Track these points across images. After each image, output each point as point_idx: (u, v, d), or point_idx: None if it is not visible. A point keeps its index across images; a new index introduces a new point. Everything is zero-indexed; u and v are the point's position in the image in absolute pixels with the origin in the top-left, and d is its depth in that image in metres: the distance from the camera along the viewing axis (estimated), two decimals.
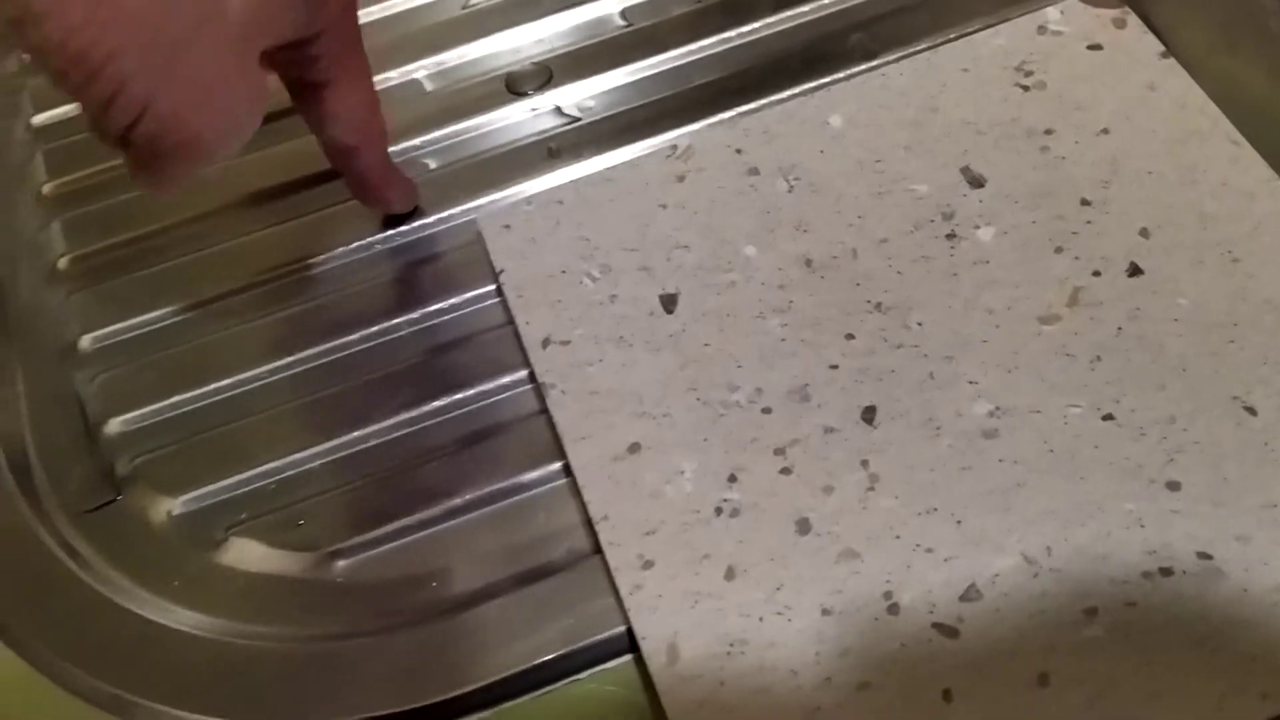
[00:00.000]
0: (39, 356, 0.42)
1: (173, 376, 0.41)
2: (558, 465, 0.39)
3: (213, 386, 0.41)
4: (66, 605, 0.37)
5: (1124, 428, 0.35)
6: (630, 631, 0.35)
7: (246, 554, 0.38)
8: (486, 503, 0.38)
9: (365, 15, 0.49)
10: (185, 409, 0.41)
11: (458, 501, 0.38)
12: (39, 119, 0.48)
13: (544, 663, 0.35)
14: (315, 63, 0.36)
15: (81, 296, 0.43)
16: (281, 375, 0.41)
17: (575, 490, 0.38)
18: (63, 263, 0.44)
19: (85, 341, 0.43)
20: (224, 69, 0.32)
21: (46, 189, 0.46)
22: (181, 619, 0.37)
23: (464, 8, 0.49)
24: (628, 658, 0.35)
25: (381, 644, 0.36)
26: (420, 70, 0.48)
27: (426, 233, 0.44)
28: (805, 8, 0.47)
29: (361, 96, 0.39)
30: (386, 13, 0.49)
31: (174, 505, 0.39)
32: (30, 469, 0.40)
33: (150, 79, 0.30)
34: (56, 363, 0.42)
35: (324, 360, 0.41)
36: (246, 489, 0.39)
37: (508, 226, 0.42)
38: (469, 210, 0.44)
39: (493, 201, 0.44)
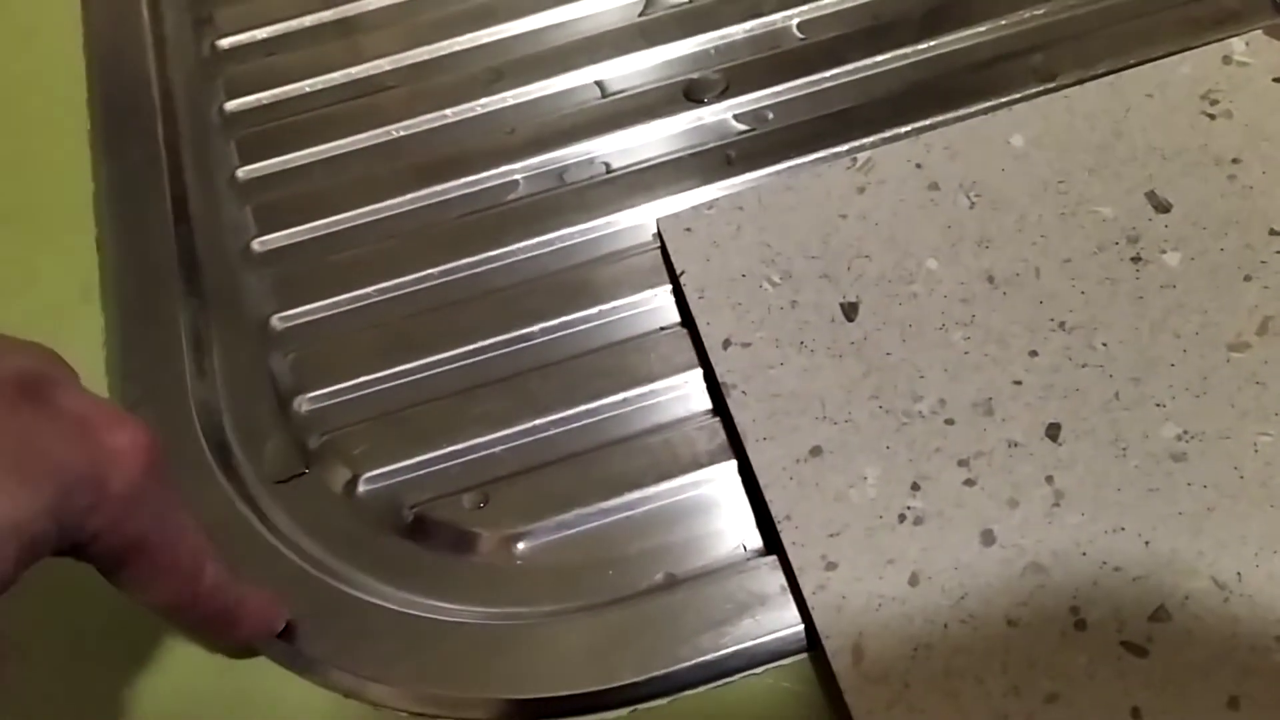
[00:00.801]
0: (234, 335, 0.44)
1: (361, 357, 0.43)
2: (731, 465, 0.39)
3: (400, 369, 0.43)
4: (261, 573, 0.38)
5: None
6: (809, 630, 0.35)
7: (430, 532, 0.39)
8: (662, 497, 0.39)
9: (545, 17, 0.51)
10: (372, 389, 0.42)
11: (634, 494, 0.39)
12: (231, 105, 0.50)
13: (722, 655, 0.36)
14: (109, 554, 0.30)
15: (274, 278, 0.45)
16: (465, 362, 0.43)
17: (748, 490, 0.39)
18: (256, 245, 0.46)
19: (276, 321, 0.44)
20: None
21: (240, 173, 0.48)
22: (367, 589, 0.38)
23: (641, 15, 0.51)
24: (804, 655, 0.36)
25: (561, 627, 0.37)
26: (600, 74, 0.49)
27: (605, 232, 0.45)
28: (983, 27, 0.48)
29: (180, 553, 0.32)
30: (567, 16, 0.51)
31: (361, 481, 0.41)
32: (226, 441, 0.42)
33: None
34: (251, 341, 0.44)
35: (506, 350, 0.43)
36: (431, 469, 0.41)
37: (689, 229, 0.43)
38: (645, 212, 0.45)
39: (670, 205, 0.45)
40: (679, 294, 0.42)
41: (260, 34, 0.52)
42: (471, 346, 0.43)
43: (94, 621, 0.38)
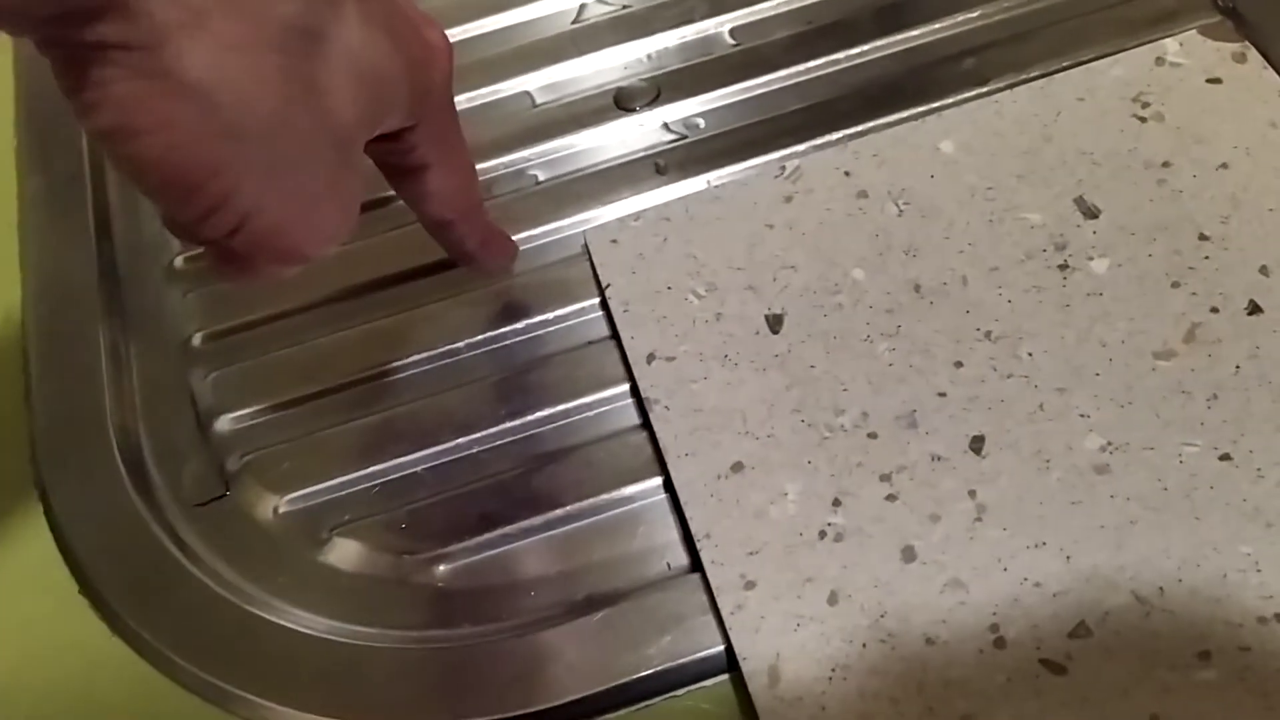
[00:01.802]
0: (154, 353, 0.43)
1: (282, 377, 0.42)
2: (657, 481, 0.39)
3: (320, 388, 0.42)
4: (175, 598, 0.38)
5: (1241, 469, 0.35)
6: (729, 651, 0.35)
7: (350, 554, 0.39)
8: (587, 514, 0.39)
9: (477, 27, 0.50)
10: (293, 409, 0.42)
11: (559, 512, 0.39)
12: None
13: (642, 677, 0.35)
14: (414, 150, 0.35)
15: (196, 296, 0.45)
16: (387, 380, 0.42)
17: (675, 506, 0.38)
18: (179, 262, 0.45)
19: (198, 339, 0.44)
20: (330, 176, 0.30)
21: None
22: (286, 615, 0.38)
23: (574, 23, 0.50)
24: (725, 677, 0.35)
25: (480, 650, 0.36)
26: (530, 84, 0.48)
27: (533, 244, 0.44)
28: (915, 31, 0.47)
29: (459, 174, 0.37)
30: (498, 25, 0.50)
31: (280, 503, 0.40)
32: (144, 462, 0.41)
33: (256, 194, 0.28)
34: (171, 360, 0.43)
35: (429, 367, 0.42)
36: (351, 490, 0.40)
37: (615, 241, 0.42)
38: (575, 224, 0.44)
39: (599, 216, 0.44)
40: (605, 306, 0.42)
41: None
42: (394, 364, 0.42)
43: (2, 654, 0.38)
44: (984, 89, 0.45)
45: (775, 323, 0.39)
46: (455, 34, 0.50)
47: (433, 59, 0.33)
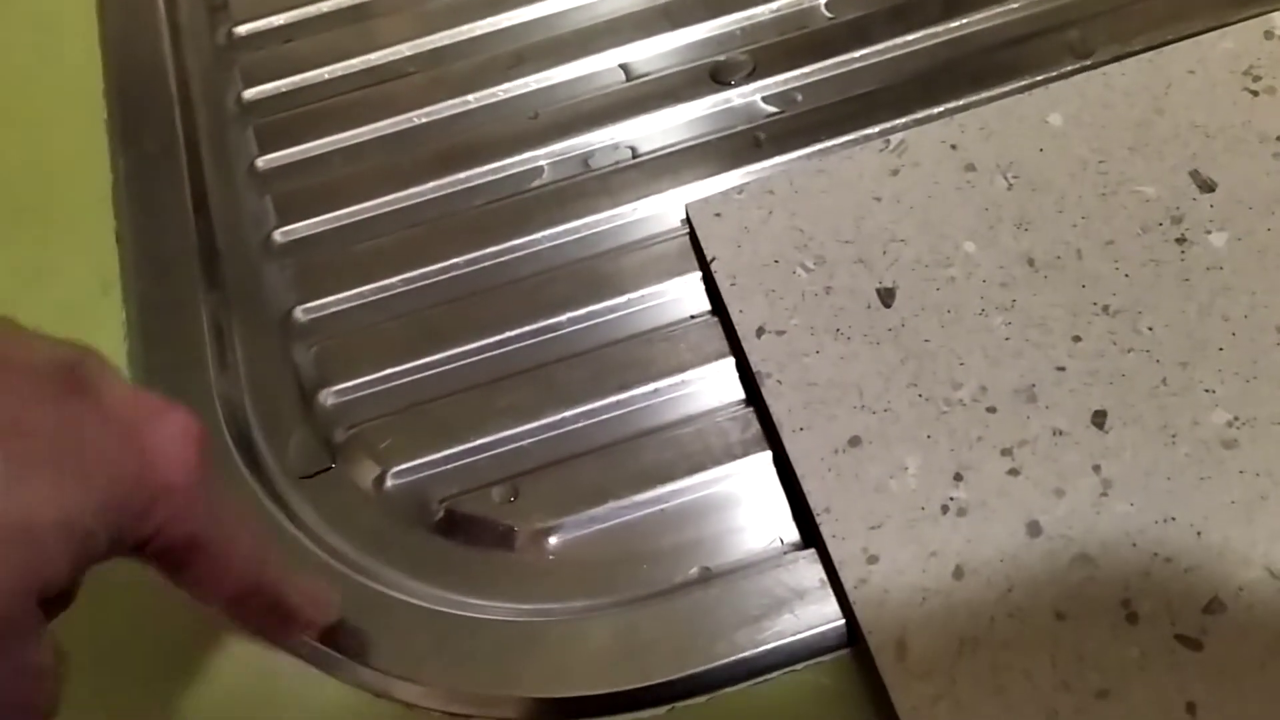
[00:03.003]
0: (256, 327, 0.43)
1: (385, 349, 0.42)
2: (765, 455, 0.39)
3: (424, 361, 0.42)
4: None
5: None
6: (850, 625, 0.35)
7: (460, 527, 0.39)
8: (696, 489, 0.39)
9: (567, 1, 0.50)
10: (397, 382, 0.42)
11: (668, 487, 0.38)
12: (249, 93, 0.50)
13: (761, 652, 0.35)
14: (170, 552, 0.28)
15: (296, 269, 0.45)
16: (491, 353, 0.42)
17: (784, 481, 0.38)
18: (277, 235, 0.45)
19: (299, 313, 0.44)
20: None
21: (259, 163, 0.47)
22: (398, 587, 0.37)
23: None
24: (844, 651, 0.35)
25: (594, 623, 0.36)
26: (623, 57, 0.48)
27: (632, 218, 0.44)
28: (1015, 3, 0.47)
29: (239, 545, 0.30)
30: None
31: (388, 475, 0.40)
32: (250, 435, 0.41)
33: None
34: (273, 333, 0.43)
35: (533, 340, 0.42)
36: (459, 463, 0.40)
37: (719, 214, 0.42)
38: (673, 198, 0.44)
39: (698, 190, 0.44)
40: (709, 281, 0.42)
41: (277, 20, 0.51)
42: (497, 337, 0.42)
43: (120, 622, 0.38)
44: (1088, 62, 0.45)
45: (887, 296, 0.39)
46: (546, 6, 0.50)
47: (151, 468, 0.27)
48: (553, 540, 0.38)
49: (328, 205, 0.46)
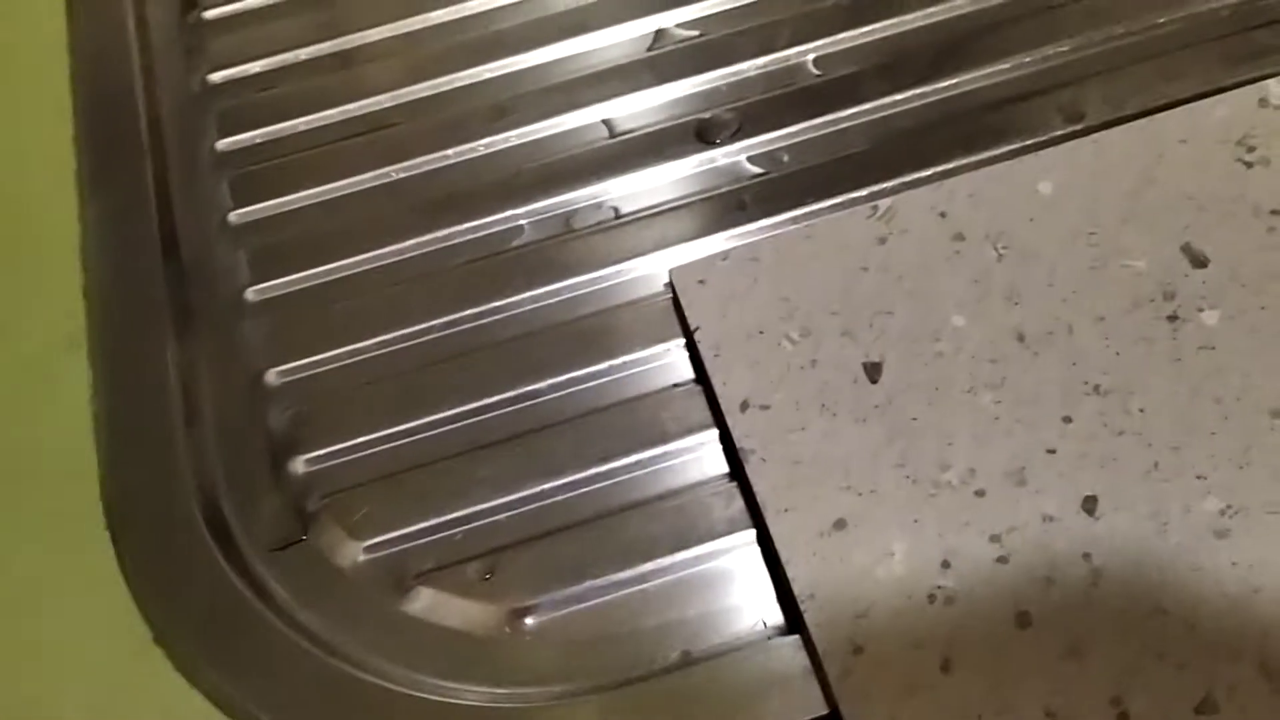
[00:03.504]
0: (228, 389, 0.42)
1: (361, 414, 0.41)
2: (749, 534, 0.38)
3: (401, 428, 0.41)
4: (255, 647, 0.37)
5: None
6: (833, 715, 0.34)
7: (434, 604, 0.38)
8: (678, 568, 0.38)
9: (552, 51, 0.49)
10: (373, 449, 0.41)
11: (649, 565, 0.38)
12: (223, 144, 0.48)
13: None
14: None
15: (270, 328, 0.43)
16: (470, 420, 0.41)
17: (768, 560, 0.37)
18: (251, 293, 0.44)
19: (272, 375, 0.42)
20: None
21: (233, 216, 0.46)
22: (370, 668, 0.36)
23: (650, 50, 0.49)
24: None
25: (574, 709, 0.35)
26: (606, 112, 0.47)
27: (615, 281, 0.43)
28: (1006, 64, 0.46)
29: None
30: (573, 50, 0.49)
31: (361, 549, 0.39)
32: (218, 503, 0.40)
33: None
34: (245, 395, 0.42)
35: (513, 408, 0.41)
36: (435, 536, 0.39)
37: (703, 281, 0.41)
38: (657, 260, 0.43)
39: (681, 252, 0.43)
40: (692, 348, 0.41)
41: (254, 68, 0.50)
42: (476, 404, 0.41)
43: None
44: (1079, 125, 0.44)
45: (874, 370, 0.38)
46: (531, 58, 0.49)
47: None
48: (529, 620, 0.37)
49: (303, 262, 0.45)
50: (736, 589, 0.37)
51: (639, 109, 0.47)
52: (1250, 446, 0.35)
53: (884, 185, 0.44)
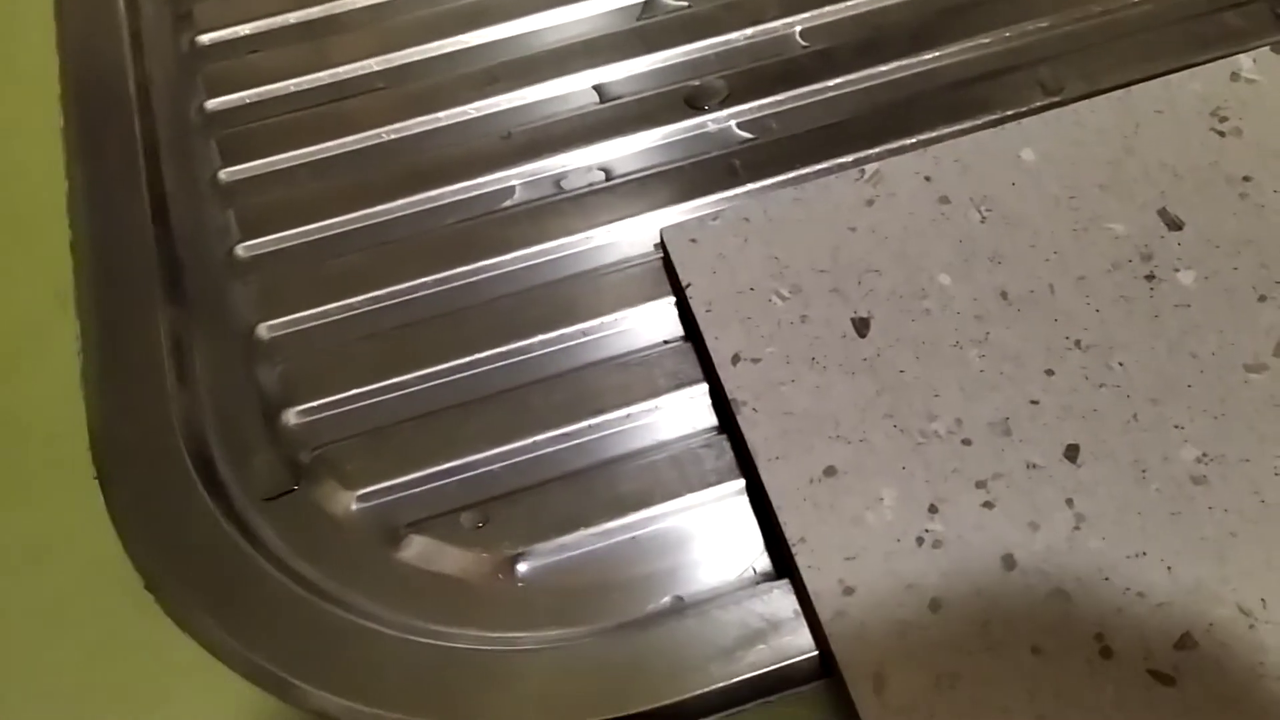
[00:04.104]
0: (218, 344, 0.42)
1: (352, 369, 0.41)
2: (739, 484, 0.38)
3: (392, 382, 0.41)
4: (248, 594, 0.37)
5: None
6: (824, 656, 0.34)
7: (428, 552, 0.38)
8: (669, 516, 0.38)
9: (539, 19, 0.50)
10: (365, 403, 0.41)
11: (641, 514, 0.38)
12: (212, 104, 0.48)
13: (735, 683, 0.34)
14: None
15: (260, 285, 0.43)
16: (462, 375, 0.41)
17: (757, 510, 0.38)
18: (241, 250, 0.44)
19: (263, 330, 0.42)
20: None
21: (222, 175, 0.46)
22: (363, 614, 0.37)
23: (640, 19, 0.49)
24: (819, 683, 0.35)
25: (566, 653, 0.36)
26: (597, 79, 0.48)
27: (606, 241, 0.44)
28: (987, 38, 0.47)
29: None
30: (562, 19, 0.49)
31: (354, 499, 0.39)
32: (210, 455, 0.40)
33: None
34: (236, 351, 0.42)
35: (504, 363, 0.41)
36: (428, 486, 0.39)
37: (694, 241, 0.42)
38: (647, 222, 0.44)
39: (672, 215, 0.44)
40: (683, 306, 0.41)
41: (243, 30, 0.50)
42: (468, 359, 0.41)
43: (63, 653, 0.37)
44: (1058, 98, 0.45)
45: (862, 326, 0.39)
46: (520, 25, 0.49)
47: None
48: (522, 567, 0.38)
49: (293, 221, 0.45)
50: (726, 537, 0.38)
51: (629, 75, 0.48)
52: (1225, 399, 0.37)
53: (870, 152, 0.45)
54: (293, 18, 0.50)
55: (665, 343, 0.41)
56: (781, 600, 0.36)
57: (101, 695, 0.36)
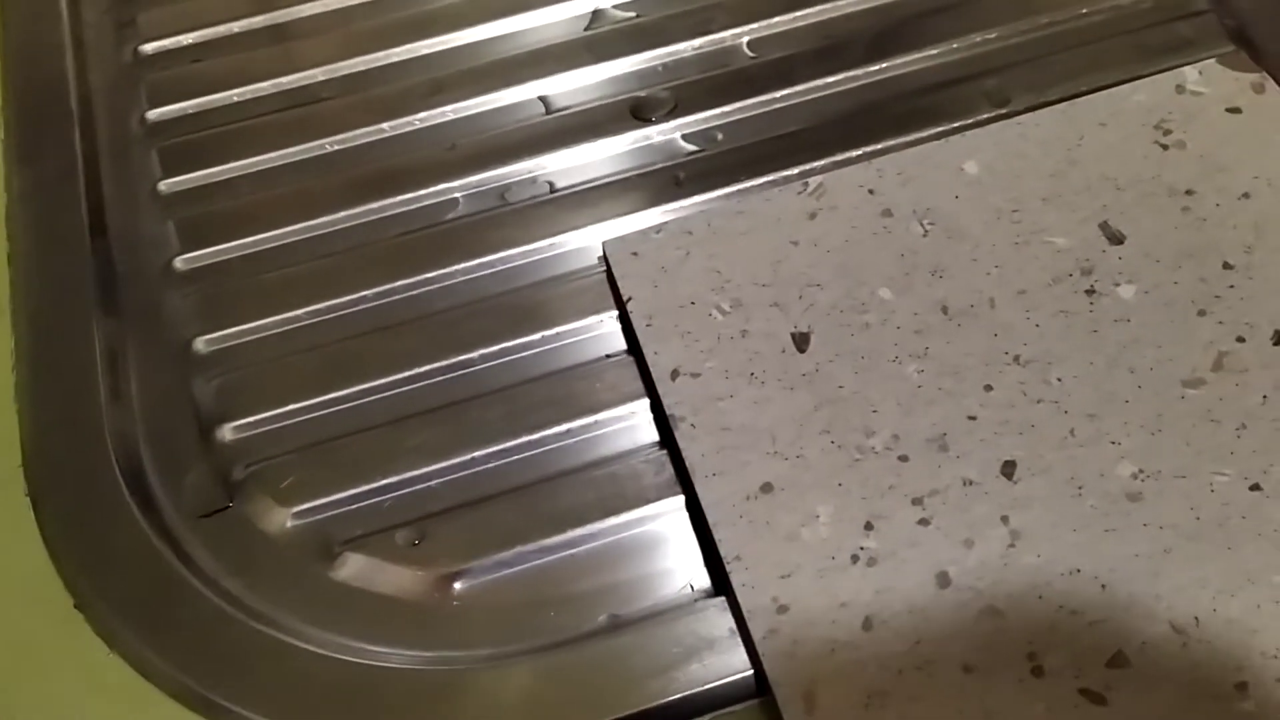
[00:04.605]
0: (154, 357, 0.42)
1: (290, 383, 0.41)
2: (678, 500, 0.38)
3: (330, 396, 0.40)
4: (178, 613, 0.36)
5: (1272, 499, 0.35)
6: (759, 675, 0.34)
7: (363, 570, 0.37)
8: (607, 534, 0.38)
9: (490, 29, 0.49)
10: (301, 418, 0.40)
11: (578, 531, 0.38)
12: (154, 114, 0.48)
13: (669, 702, 0.34)
14: None
15: (198, 297, 0.43)
16: (400, 389, 0.41)
17: (696, 526, 0.37)
18: (179, 262, 0.44)
19: (199, 343, 0.42)
20: None
21: (163, 186, 0.46)
22: (295, 633, 0.36)
23: (587, 30, 0.49)
24: (754, 702, 0.34)
25: (500, 671, 0.35)
26: (543, 89, 0.47)
27: (549, 254, 0.43)
28: (935, 50, 0.47)
29: None
30: (510, 29, 0.49)
31: (288, 516, 0.38)
32: (143, 471, 0.39)
33: None
34: (171, 364, 0.42)
35: (444, 377, 0.41)
36: (364, 503, 0.39)
37: (636, 254, 0.41)
38: (591, 234, 0.44)
39: (616, 227, 0.44)
40: (625, 320, 0.41)
41: (186, 39, 0.50)
42: (407, 373, 0.41)
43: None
44: (1004, 110, 0.45)
45: (802, 341, 0.39)
46: (467, 35, 0.49)
47: None
48: (459, 585, 0.37)
49: (233, 232, 0.44)
50: (665, 554, 0.37)
51: (575, 86, 0.47)
52: (1162, 414, 0.36)
53: (815, 164, 0.44)
54: (237, 27, 0.50)
55: (608, 357, 0.41)
56: (718, 618, 0.35)
57: (28, 714, 0.36)
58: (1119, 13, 0.48)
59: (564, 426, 0.40)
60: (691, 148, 0.46)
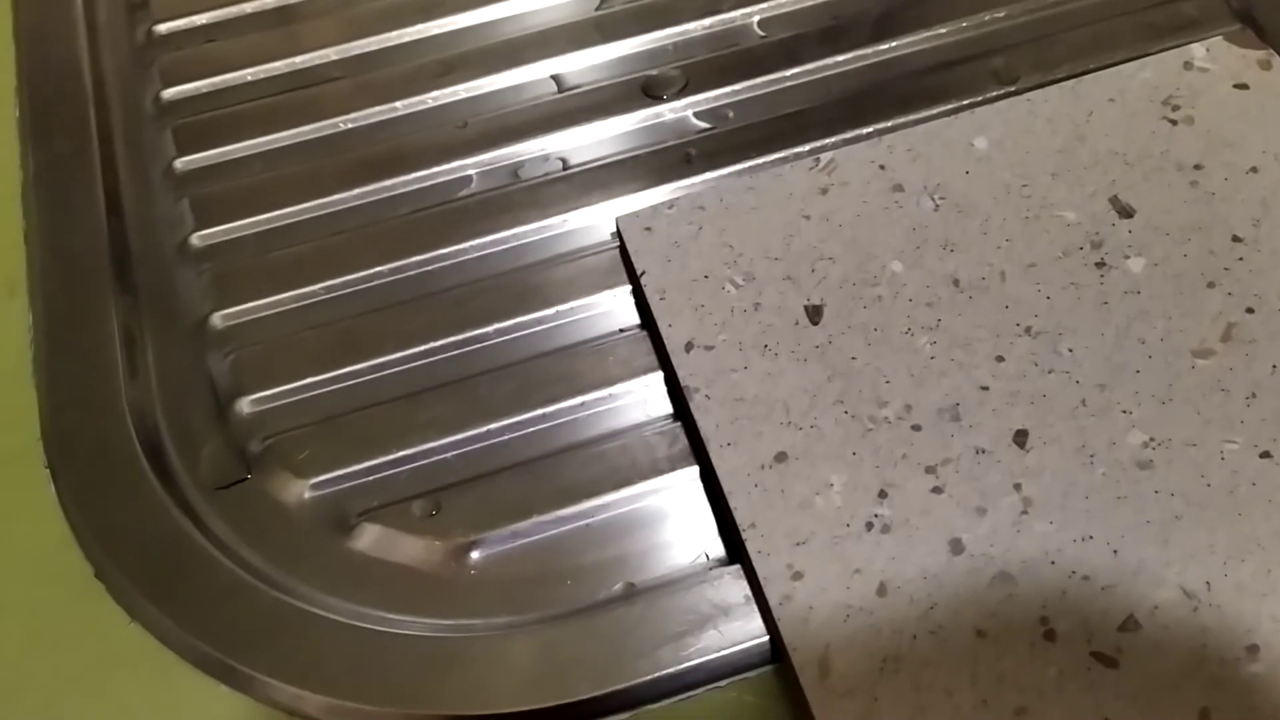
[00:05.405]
0: (170, 333, 0.42)
1: (305, 358, 0.41)
2: (692, 471, 0.38)
3: (345, 371, 0.41)
4: (198, 582, 0.37)
5: None
6: (774, 642, 0.34)
7: (379, 541, 0.38)
8: (621, 504, 0.38)
9: (496, 9, 0.50)
10: (317, 392, 0.41)
11: (593, 501, 0.38)
12: (167, 94, 0.48)
13: (685, 669, 0.34)
14: None
15: (213, 274, 0.43)
16: (415, 364, 0.41)
17: (710, 497, 0.38)
18: (194, 240, 0.44)
19: (215, 319, 0.42)
20: None
21: (177, 165, 0.46)
22: (313, 601, 0.36)
23: (598, 9, 0.49)
24: (768, 668, 0.35)
25: (515, 640, 0.36)
26: (555, 69, 0.48)
27: (561, 230, 0.44)
28: (943, 28, 0.47)
29: None
30: (519, 9, 0.49)
31: (305, 487, 0.39)
32: (161, 444, 0.40)
33: None
34: (187, 340, 0.42)
35: (458, 352, 0.41)
36: (379, 475, 0.39)
37: (649, 229, 0.42)
38: (603, 211, 0.44)
39: (628, 204, 0.44)
40: (638, 295, 0.41)
41: (199, 19, 0.50)
42: (421, 348, 0.41)
43: (16, 637, 0.36)
44: (1012, 88, 0.45)
45: (814, 314, 0.39)
46: (479, 15, 0.49)
47: None
48: (474, 555, 0.37)
49: (247, 210, 0.45)
50: (679, 524, 0.38)
51: (586, 65, 0.48)
52: (1172, 384, 0.37)
53: (825, 141, 0.45)
54: (250, 7, 0.50)
55: (621, 331, 0.41)
56: (733, 586, 0.36)
57: (49, 683, 0.36)
58: None
59: (578, 399, 0.40)
60: (703, 125, 0.46)
